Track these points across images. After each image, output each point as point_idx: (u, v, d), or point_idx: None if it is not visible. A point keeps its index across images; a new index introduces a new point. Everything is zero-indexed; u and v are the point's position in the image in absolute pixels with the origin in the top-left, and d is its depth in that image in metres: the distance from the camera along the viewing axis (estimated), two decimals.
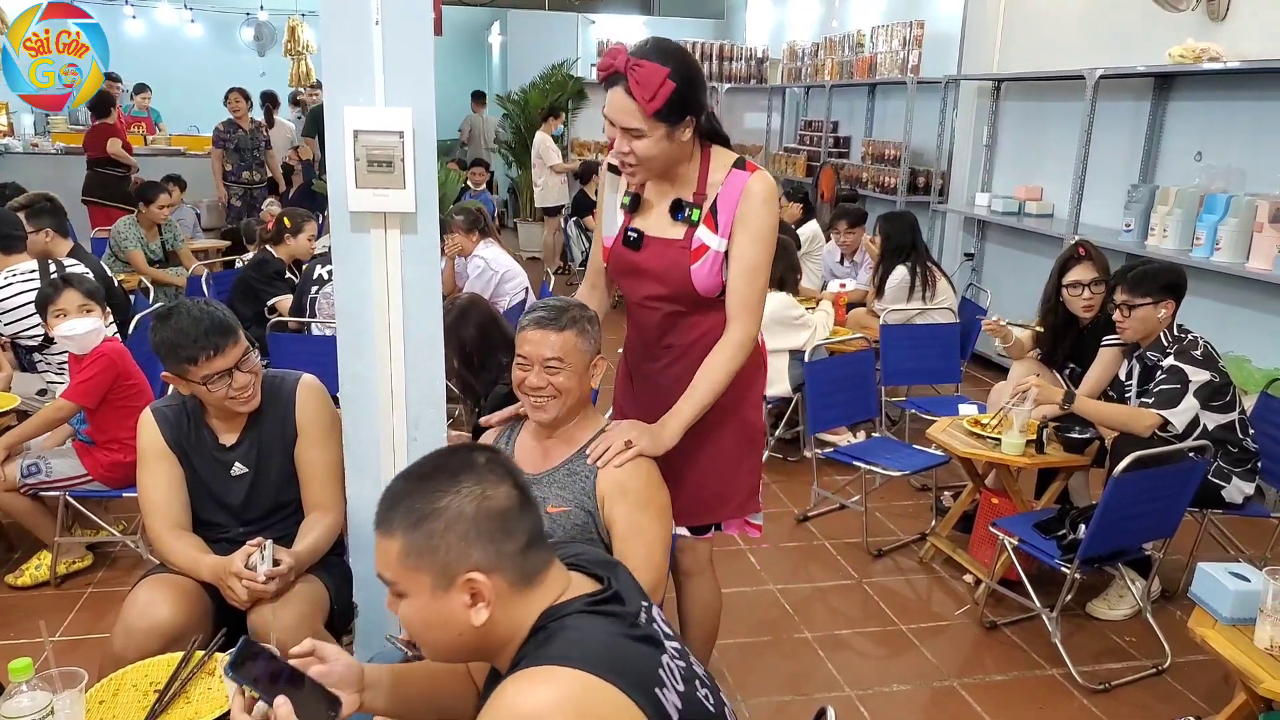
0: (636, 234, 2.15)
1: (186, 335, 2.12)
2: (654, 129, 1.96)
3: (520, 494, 1.24)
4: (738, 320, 2.10)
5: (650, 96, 1.91)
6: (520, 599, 1.22)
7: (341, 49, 2.11)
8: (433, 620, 1.22)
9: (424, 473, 1.24)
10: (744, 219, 2.06)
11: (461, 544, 1.18)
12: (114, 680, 1.78)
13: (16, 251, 3.97)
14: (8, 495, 3.21)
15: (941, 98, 7.10)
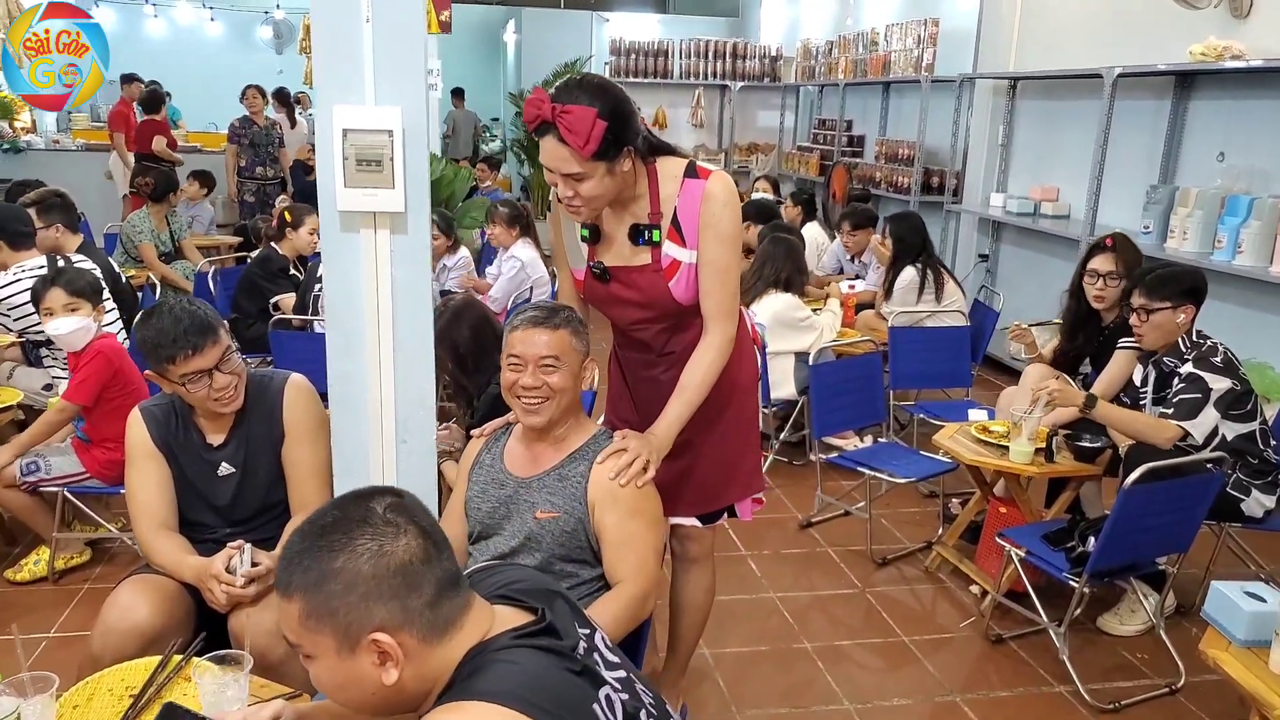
0: (600, 268, 2.14)
1: (166, 334, 2.10)
2: (593, 169, 1.93)
3: (425, 542, 1.17)
4: (715, 324, 2.10)
5: (584, 141, 1.87)
6: (434, 651, 1.17)
7: (332, 47, 2.07)
8: (344, 682, 1.17)
9: (320, 528, 1.17)
10: (707, 224, 2.04)
11: (363, 605, 1.13)
12: (89, 684, 1.75)
13: (25, 247, 3.97)
14: (8, 492, 3.20)
15: (956, 96, 7.01)
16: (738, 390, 2.26)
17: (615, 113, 1.90)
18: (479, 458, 2.15)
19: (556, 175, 1.96)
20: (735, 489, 2.33)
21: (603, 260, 2.14)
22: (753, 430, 2.34)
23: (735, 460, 2.30)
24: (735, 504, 2.36)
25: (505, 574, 1.36)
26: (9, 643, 2.84)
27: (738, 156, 10.75)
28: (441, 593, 1.17)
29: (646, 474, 1.97)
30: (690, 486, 2.27)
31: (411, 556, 1.15)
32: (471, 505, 2.09)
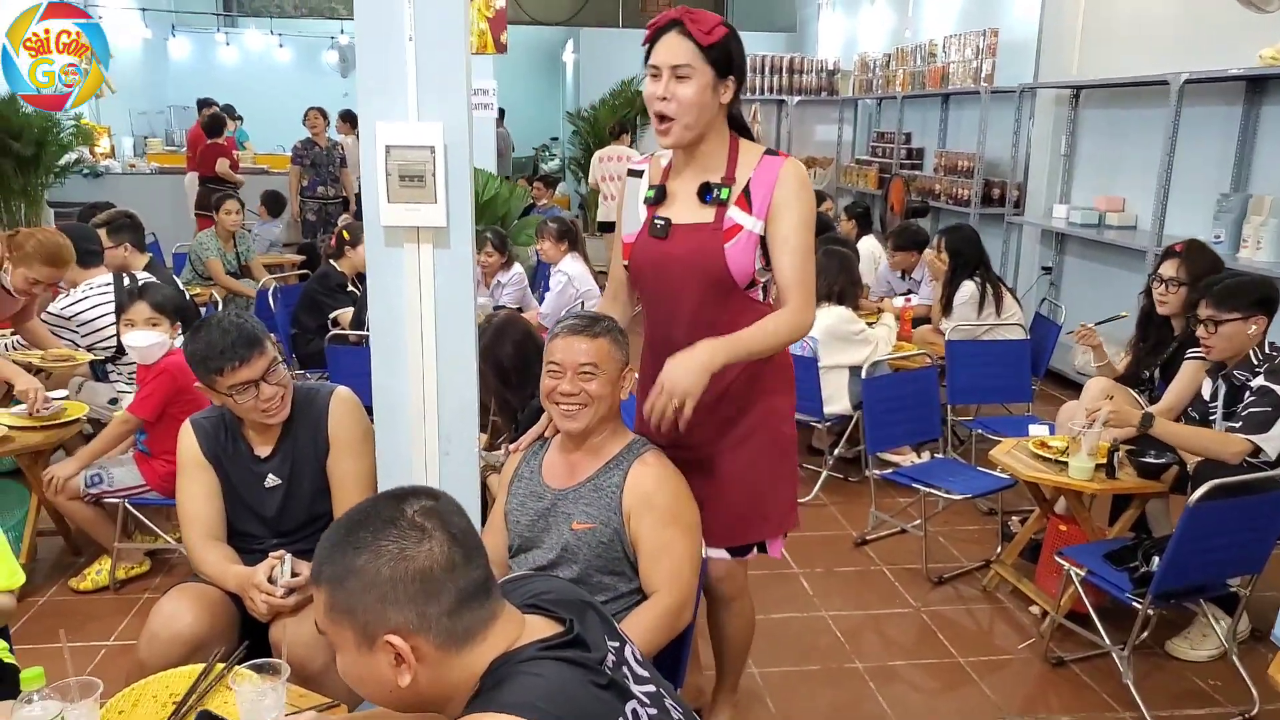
0: (664, 221, 2.08)
1: (214, 347, 2.14)
2: (702, 72, 1.94)
3: (452, 549, 1.16)
4: (793, 296, 2.02)
5: (707, 31, 1.93)
6: (453, 659, 1.16)
7: (375, 64, 2.12)
8: (365, 676, 1.18)
9: (351, 524, 1.18)
10: (786, 203, 2.01)
11: (379, 606, 1.13)
12: (135, 690, 1.78)
13: (94, 265, 4.11)
14: (73, 504, 3.30)
15: (1016, 107, 6.87)
16: (773, 412, 2.17)
17: (738, 40, 2.00)
18: (518, 471, 2.15)
19: (661, 78, 1.95)
20: (767, 525, 2.22)
21: (666, 215, 2.09)
22: (787, 460, 2.23)
23: (767, 491, 2.19)
24: (768, 541, 2.25)
25: (537, 584, 1.35)
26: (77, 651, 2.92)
27: None
28: (463, 602, 1.16)
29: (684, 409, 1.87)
30: (718, 514, 2.14)
31: (434, 564, 1.15)
32: (511, 518, 2.09)
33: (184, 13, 13.04)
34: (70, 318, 3.91)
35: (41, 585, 3.39)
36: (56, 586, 3.40)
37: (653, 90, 1.98)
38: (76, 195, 8.80)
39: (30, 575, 3.34)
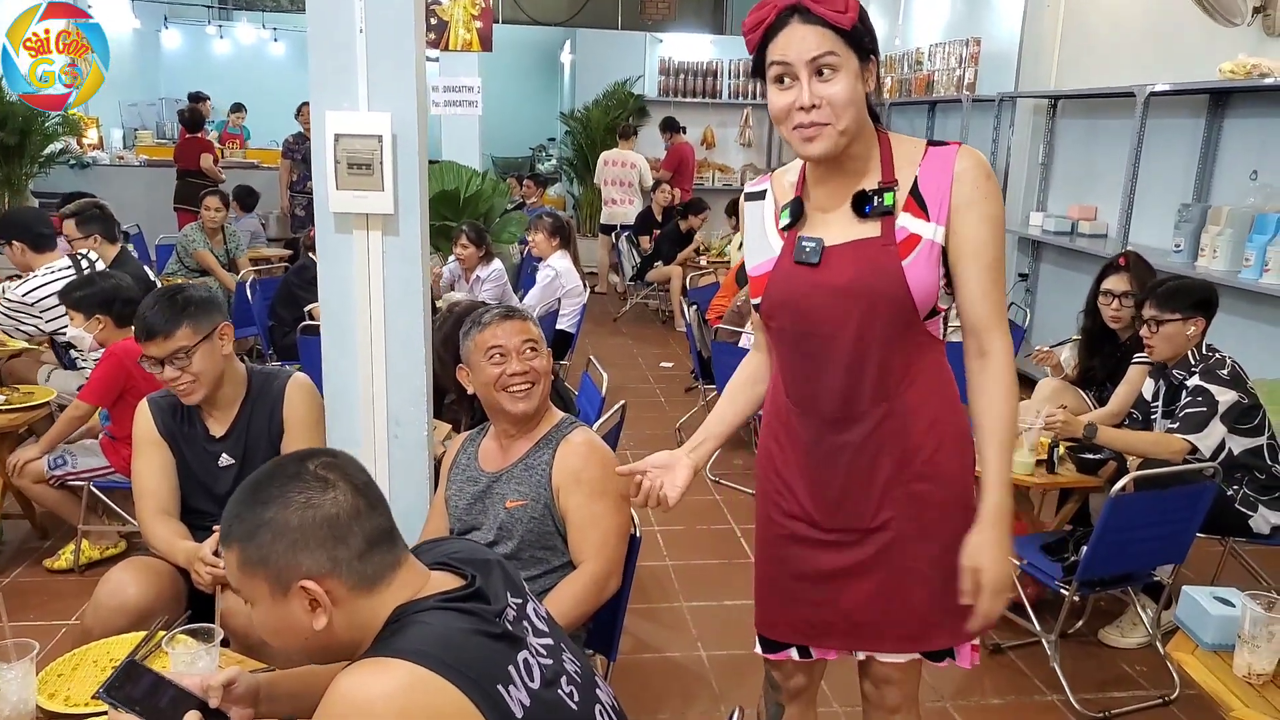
0: (814, 243, 1.60)
1: (139, 318, 2.26)
2: (848, 59, 1.49)
3: (356, 498, 1.25)
4: (993, 332, 1.61)
5: (842, 9, 1.48)
6: (364, 601, 1.24)
7: (326, 54, 2.20)
8: (279, 626, 1.25)
9: (256, 484, 1.26)
10: (969, 202, 1.56)
11: (290, 552, 1.21)
12: (75, 655, 1.85)
13: (49, 249, 4.15)
14: (38, 486, 3.39)
15: (996, 115, 6.97)
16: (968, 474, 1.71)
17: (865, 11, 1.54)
18: (456, 459, 2.23)
19: (800, 76, 1.50)
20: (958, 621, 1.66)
21: (819, 236, 1.61)
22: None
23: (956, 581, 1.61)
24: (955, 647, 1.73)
25: (448, 545, 1.44)
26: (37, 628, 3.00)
27: None
28: (371, 546, 1.25)
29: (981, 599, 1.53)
30: (909, 611, 1.68)
31: (339, 510, 1.23)
32: (450, 503, 2.18)
33: (176, 4, 13.10)
34: (32, 303, 3.95)
35: (7, 567, 3.47)
36: (22, 568, 3.48)
37: (786, 100, 1.52)
38: (63, 186, 8.86)
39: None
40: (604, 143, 9.94)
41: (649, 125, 10.46)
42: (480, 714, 1.15)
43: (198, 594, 2.21)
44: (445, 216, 6.09)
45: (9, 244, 4.13)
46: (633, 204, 8.95)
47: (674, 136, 9.56)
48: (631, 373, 6.46)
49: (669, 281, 7.90)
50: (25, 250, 4.07)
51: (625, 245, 8.52)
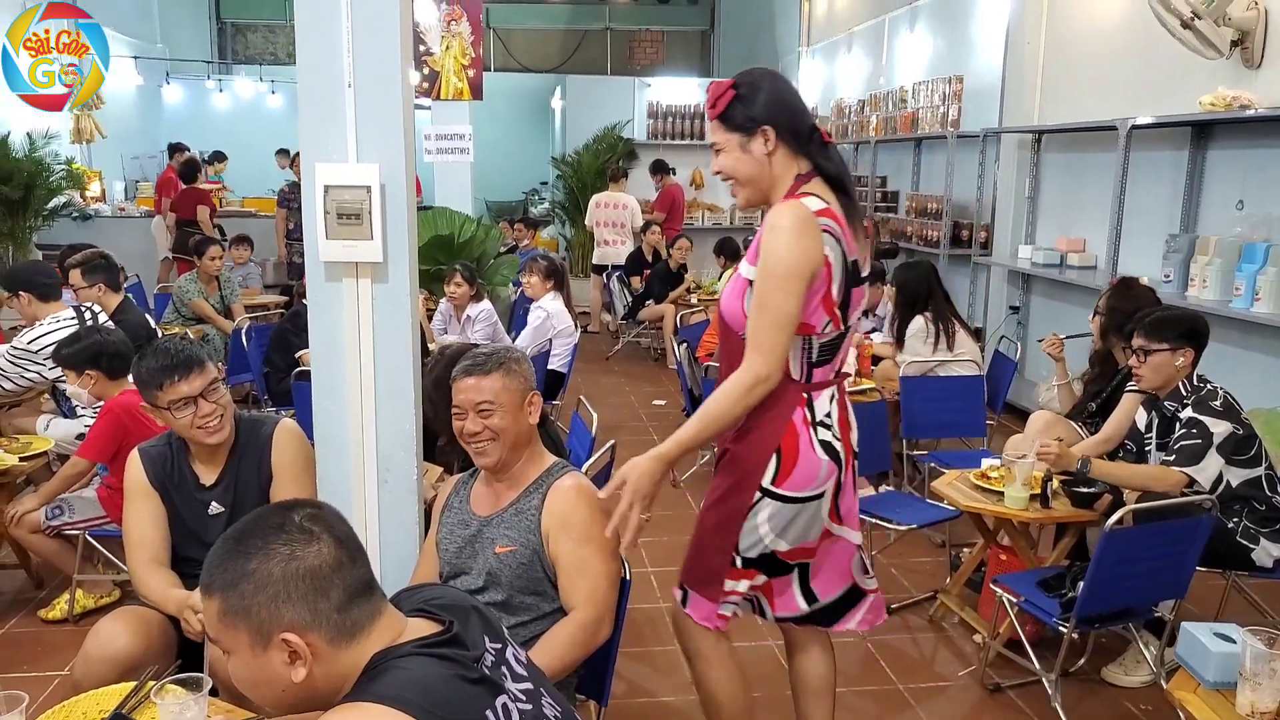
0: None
1: (155, 365, 2.26)
2: (726, 140, 2.03)
3: (339, 551, 1.25)
4: (746, 355, 1.97)
5: (712, 104, 2.04)
6: (343, 652, 1.24)
7: (316, 108, 2.24)
8: (258, 678, 1.25)
9: (239, 534, 1.27)
10: (758, 248, 1.98)
11: (272, 605, 1.21)
12: (64, 708, 1.83)
13: (54, 299, 4.20)
14: (34, 537, 3.38)
15: (980, 150, 7.06)
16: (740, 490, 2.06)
17: (757, 89, 2.00)
18: (449, 501, 2.23)
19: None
20: (693, 573, 2.16)
21: None
22: (721, 532, 2.08)
23: (700, 544, 2.14)
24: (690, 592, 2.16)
25: (427, 591, 1.43)
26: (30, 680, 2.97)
27: None
28: (351, 599, 1.24)
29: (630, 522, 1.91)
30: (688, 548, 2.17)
31: (322, 563, 1.23)
32: (441, 546, 2.17)
33: (177, 60, 13.30)
34: (36, 351, 3.99)
35: (2, 618, 3.44)
36: (17, 618, 3.45)
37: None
38: (65, 237, 8.94)
39: None
40: (594, 185, 10.04)
41: (639, 168, 10.57)
42: None
43: (188, 643, 2.20)
44: (439, 261, 6.13)
45: (16, 295, 4.18)
46: (625, 244, 9.02)
47: (664, 178, 9.67)
48: (624, 410, 6.47)
49: (661, 320, 7.94)
50: (32, 300, 4.11)
51: (617, 285, 8.58)
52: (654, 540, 4.19)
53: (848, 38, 10.36)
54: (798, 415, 2.03)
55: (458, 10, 6.29)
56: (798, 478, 2.03)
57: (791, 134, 2.01)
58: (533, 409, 2.10)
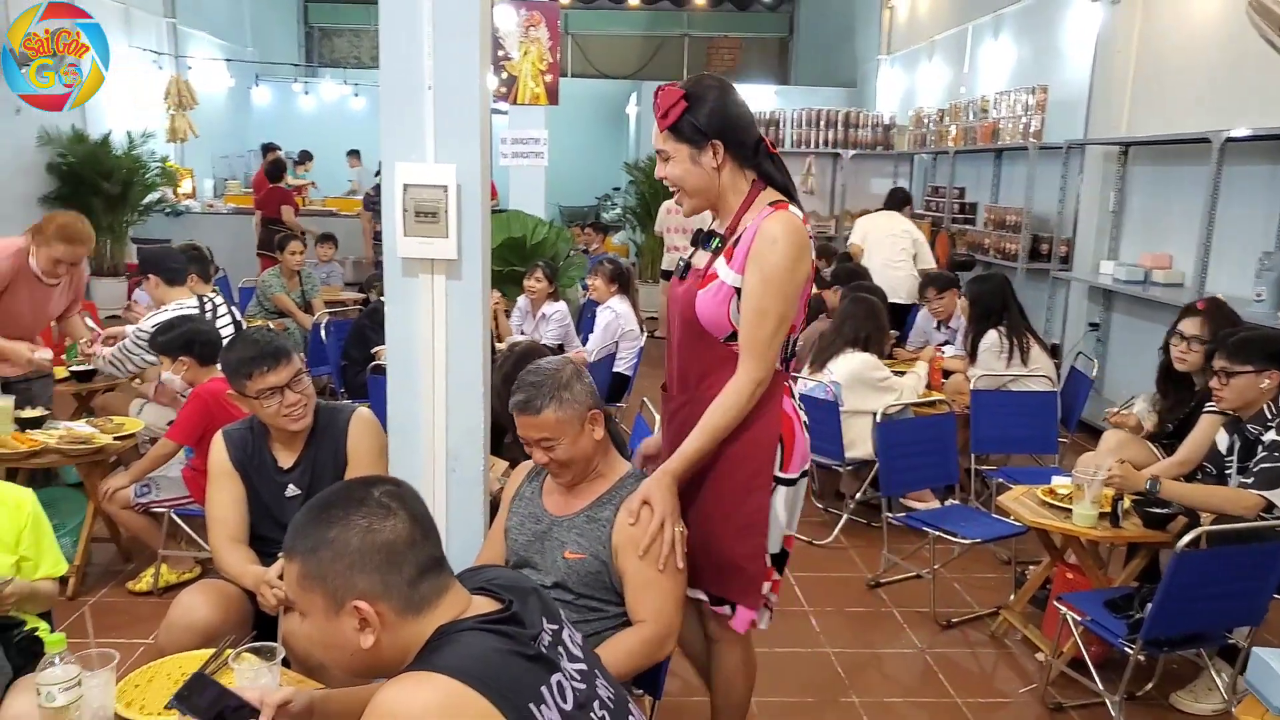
0: (685, 262, 2.23)
1: (246, 354, 2.37)
2: (676, 150, 2.07)
3: (413, 527, 1.32)
4: (743, 363, 2.06)
5: (663, 114, 2.05)
6: (409, 624, 1.30)
7: (397, 109, 2.32)
8: (328, 641, 1.32)
9: (324, 504, 1.34)
10: (755, 257, 2.03)
11: (348, 573, 1.28)
12: (150, 669, 1.96)
13: (180, 284, 4.37)
14: (124, 512, 3.57)
15: (1063, 162, 6.90)
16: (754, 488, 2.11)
17: (704, 101, 2.02)
18: (520, 490, 2.28)
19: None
20: (734, 588, 2.18)
21: (692, 261, 2.22)
22: (750, 537, 2.13)
23: (728, 555, 2.15)
24: (737, 605, 2.19)
25: (489, 572, 1.49)
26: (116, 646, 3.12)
27: (849, 223, 10.78)
28: (421, 574, 1.31)
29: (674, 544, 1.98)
30: (701, 558, 2.15)
31: (397, 537, 1.30)
32: (511, 535, 2.21)
33: (267, 63, 13.79)
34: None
35: (93, 587, 3.64)
36: (107, 589, 3.64)
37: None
38: (158, 232, 9.37)
39: (83, 578, 3.61)
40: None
41: None
42: None
43: (263, 616, 2.30)
44: (511, 262, 6.24)
45: (146, 278, 4.38)
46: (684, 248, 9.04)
47: None
48: None
49: None
50: (159, 284, 4.31)
51: None
52: None
53: (929, 46, 10.24)
54: (787, 403, 2.15)
55: (536, 16, 6.42)
56: (797, 458, 2.16)
57: (739, 147, 2.08)
58: (595, 426, 2.09)
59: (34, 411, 3.70)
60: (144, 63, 10.18)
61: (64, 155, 8.44)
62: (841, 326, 4.53)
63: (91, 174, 8.51)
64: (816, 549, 4.25)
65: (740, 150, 2.09)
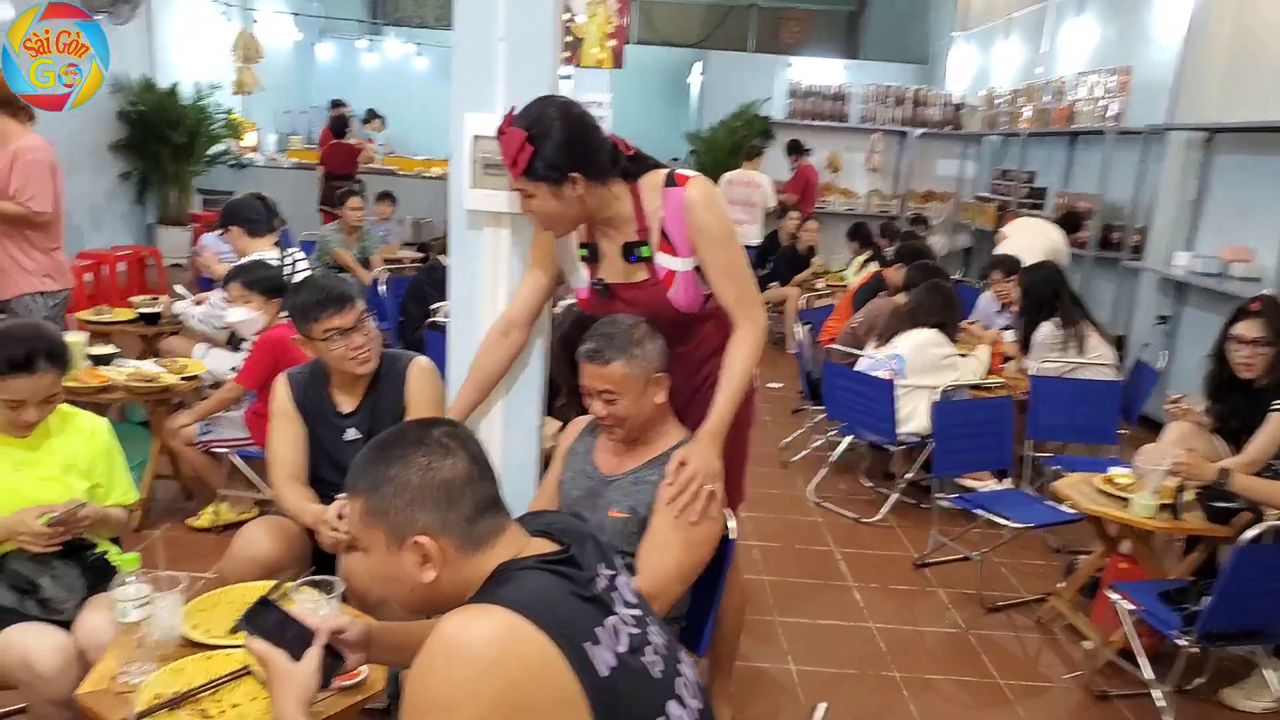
0: (602, 285, 2.22)
1: (311, 297, 2.42)
2: (536, 188, 2.02)
3: (471, 466, 1.34)
4: (741, 315, 2.13)
5: (512, 162, 2.00)
6: (469, 561, 1.33)
7: (468, 60, 2.33)
8: (388, 575, 1.35)
9: (385, 442, 1.37)
10: (698, 230, 2.08)
11: (409, 509, 1.31)
12: (214, 596, 2.04)
13: (261, 235, 4.44)
14: (188, 449, 3.68)
15: (1142, 149, 6.69)
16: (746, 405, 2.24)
17: (550, 138, 1.98)
18: (574, 445, 2.29)
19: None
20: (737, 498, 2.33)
21: (604, 278, 2.22)
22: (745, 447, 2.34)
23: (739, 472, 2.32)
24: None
25: (548, 517, 1.52)
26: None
27: (913, 203, 10.62)
28: (479, 512, 1.34)
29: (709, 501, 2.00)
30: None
31: (456, 476, 1.33)
32: (564, 488, 2.24)
33: (332, 19, 13.89)
34: None
35: (156, 522, 3.76)
36: (169, 524, 3.76)
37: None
38: (221, 184, 9.54)
39: (147, 513, 3.74)
40: (727, 164, 9.98)
41: (773, 147, 10.45)
42: (568, 666, 1.21)
43: (321, 554, 2.36)
44: None
45: (228, 229, 4.46)
46: (754, 225, 8.93)
47: (799, 159, 9.53)
48: None
49: (783, 303, 7.87)
50: (242, 235, 4.39)
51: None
52: (760, 516, 4.21)
53: (1005, 24, 9.96)
54: None
55: None
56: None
57: (597, 170, 2.06)
58: (658, 390, 2.09)
59: (105, 348, 3.83)
60: (212, 14, 10.32)
61: (134, 103, 8.61)
62: (915, 312, 4.48)
63: (159, 123, 8.66)
64: (864, 526, 4.22)
65: (599, 171, 2.07)
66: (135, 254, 7.75)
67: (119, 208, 8.88)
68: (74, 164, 8.17)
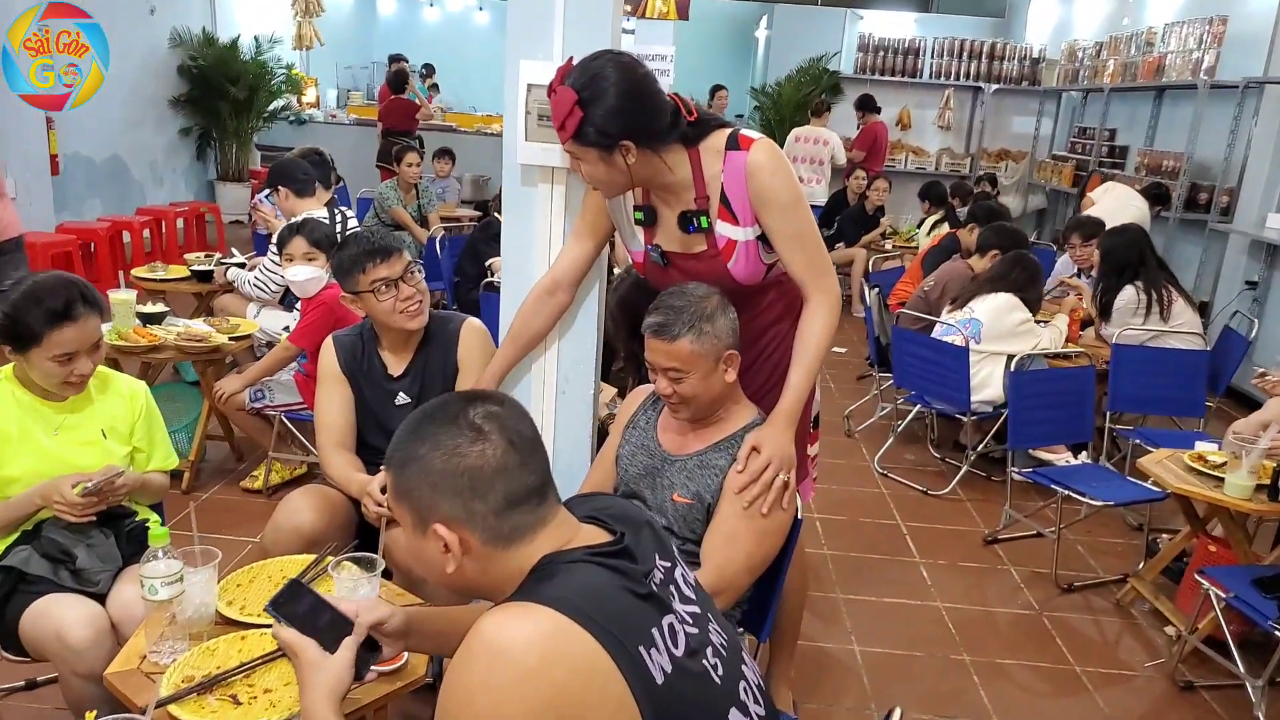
0: (659, 252, 2.09)
1: (355, 251, 2.33)
2: (584, 154, 1.89)
3: (506, 454, 1.20)
4: (813, 286, 2.01)
5: (560, 125, 1.86)
6: (500, 555, 1.20)
7: (526, 4, 2.19)
8: (418, 556, 1.25)
9: (421, 418, 1.25)
10: (763, 199, 1.95)
11: (430, 494, 1.19)
12: (253, 569, 1.96)
13: (309, 195, 4.37)
14: (240, 414, 3.65)
15: (1238, 104, 6.28)
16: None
17: (600, 101, 1.82)
18: (634, 417, 2.16)
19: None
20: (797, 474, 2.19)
21: (660, 244, 2.09)
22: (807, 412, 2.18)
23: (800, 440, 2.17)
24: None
25: (600, 500, 1.38)
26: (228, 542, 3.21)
27: (985, 162, 10.21)
28: (512, 504, 1.20)
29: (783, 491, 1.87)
30: None
31: (484, 464, 1.19)
32: (621, 463, 2.10)
33: None
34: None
35: (206, 483, 3.76)
36: (220, 485, 3.76)
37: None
38: (282, 140, 9.56)
39: (197, 474, 3.73)
40: (793, 120, 9.69)
41: (843, 103, 10.12)
42: (619, 672, 1.09)
43: (366, 526, 2.29)
44: None
45: (276, 190, 4.42)
46: (821, 183, 8.65)
47: (868, 116, 9.19)
48: None
49: (850, 264, 7.63)
50: (289, 195, 4.34)
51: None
52: (822, 487, 4.07)
53: None
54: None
55: None
56: None
57: (652, 137, 1.90)
58: (729, 368, 1.93)
59: (155, 307, 3.80)
60: None
61: (194, 58, 8.61)
62: (995, 282, 4.25)
63: (219, 78, 8.67)
64: (932, 499, 4.06)
65: (655, 138, 1.91)
66: (194, 210, 7.79)
67: (179, 164, 8.95)
68: (135, 119, 8.25)
